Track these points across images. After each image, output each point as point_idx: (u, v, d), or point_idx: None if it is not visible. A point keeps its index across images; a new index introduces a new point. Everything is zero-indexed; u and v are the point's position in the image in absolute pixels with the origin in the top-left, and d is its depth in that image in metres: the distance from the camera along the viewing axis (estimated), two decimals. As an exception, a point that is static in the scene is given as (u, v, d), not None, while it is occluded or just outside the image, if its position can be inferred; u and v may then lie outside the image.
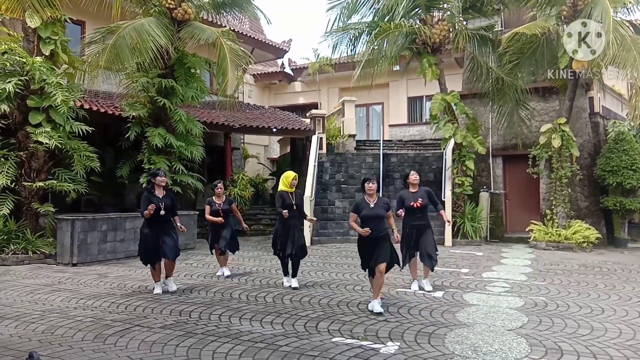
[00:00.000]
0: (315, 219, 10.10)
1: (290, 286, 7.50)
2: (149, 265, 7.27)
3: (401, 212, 7.33)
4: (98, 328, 5.31)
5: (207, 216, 8.56)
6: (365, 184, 6.31)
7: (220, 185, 8.77)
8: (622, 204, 13.19)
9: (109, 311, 6.08)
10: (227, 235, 8.59)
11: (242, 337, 5.00)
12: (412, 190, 7.42)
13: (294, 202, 7.49)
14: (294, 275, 7.64)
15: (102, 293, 7.15)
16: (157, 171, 7.44)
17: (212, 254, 9.22)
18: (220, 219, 8.50)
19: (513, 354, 4.56)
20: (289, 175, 7.66)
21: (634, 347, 4.79)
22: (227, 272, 8.56)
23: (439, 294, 7.09)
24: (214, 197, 8.69)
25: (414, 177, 7.48)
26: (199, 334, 5.10)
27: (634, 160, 13.12)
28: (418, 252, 7.44)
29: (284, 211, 7.31)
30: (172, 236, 7.13)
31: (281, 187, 7.65)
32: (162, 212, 6.96)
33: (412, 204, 7.27)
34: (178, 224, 7.29)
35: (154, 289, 7.21)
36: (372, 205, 6.19)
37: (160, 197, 7.07)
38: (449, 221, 8.13)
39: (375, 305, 6.02)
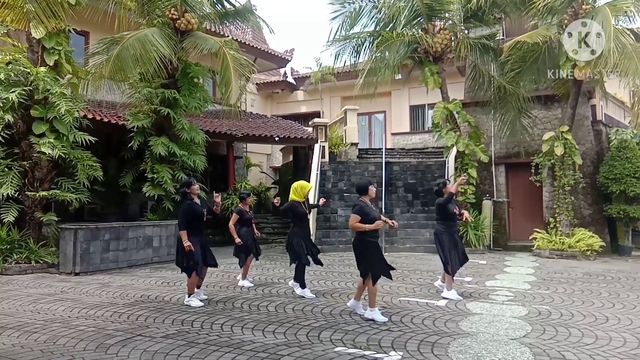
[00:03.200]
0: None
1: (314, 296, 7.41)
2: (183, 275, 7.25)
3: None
4: (100, 338, 5.30)
5: (232, 226, 8.28)
6: (371, 187, 6.22)
7: (249, 194, 8.83)
8: (626, 212, 13.15)
9: (111, 321, 6.07)
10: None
11: (244, 347, 4.98)
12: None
13: (307, 212, 7.59)
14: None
15: (105, 302, 7.14)
16: (190, 180, 7.07)
17: (244, 263, 8.52)
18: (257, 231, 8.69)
19: (516, 363, 4.54)
20: (306, 185, 7.58)
21: (638, 356, 4.75)
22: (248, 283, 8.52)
23: (442, 302, 7.06)
24: (240, 205, 8.63)
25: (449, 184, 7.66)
26: (201, 344, 5.09)
27: (637, 168, 13.09)
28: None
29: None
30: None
31: (293, 196, 7.47)
32: (205, 219, 7.00)
33: (454, 210, 7.37)
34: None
35: (191, 301, 6.87)
36: (374, 208, 6.18)
37: (199, 204, 7.02)
38: None
39: (378, 315, 6.00)
